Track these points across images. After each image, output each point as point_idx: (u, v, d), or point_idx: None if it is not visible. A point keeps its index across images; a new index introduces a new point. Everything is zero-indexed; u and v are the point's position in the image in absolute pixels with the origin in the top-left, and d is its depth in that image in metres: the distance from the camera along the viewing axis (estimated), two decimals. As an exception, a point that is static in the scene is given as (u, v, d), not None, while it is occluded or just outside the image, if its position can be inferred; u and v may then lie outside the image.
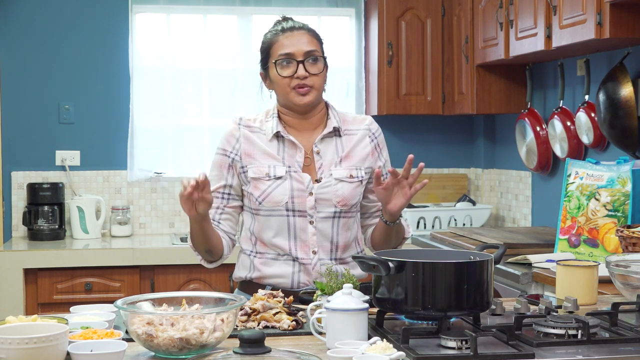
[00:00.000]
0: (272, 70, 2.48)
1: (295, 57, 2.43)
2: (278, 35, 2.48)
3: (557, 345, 1.82)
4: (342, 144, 2.51)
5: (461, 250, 2.34)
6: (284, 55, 2.44)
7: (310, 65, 2.44)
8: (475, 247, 2.19)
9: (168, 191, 4.82)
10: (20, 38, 4.68)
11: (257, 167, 2.45)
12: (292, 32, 2.47)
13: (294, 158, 2.46)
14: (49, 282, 4.19)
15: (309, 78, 2.43)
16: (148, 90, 4.78)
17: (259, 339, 1.61)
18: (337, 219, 2.46)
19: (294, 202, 2.42)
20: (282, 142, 2.47)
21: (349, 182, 2.46)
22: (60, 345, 1.64)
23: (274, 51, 2.48)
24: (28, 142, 4.71)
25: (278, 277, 2.45)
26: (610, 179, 3.08)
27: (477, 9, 4.29)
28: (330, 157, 2.48)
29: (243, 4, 4.84)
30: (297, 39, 2.45)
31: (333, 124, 2.50)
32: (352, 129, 2.54)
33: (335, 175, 2.46)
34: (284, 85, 2.45)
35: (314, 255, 2.44)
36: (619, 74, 3.40)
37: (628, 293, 2.27)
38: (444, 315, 1.86)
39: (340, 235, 2.47)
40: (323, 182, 2.45)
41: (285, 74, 2.44)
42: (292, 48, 2.44)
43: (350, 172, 2.48)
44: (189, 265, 4.27)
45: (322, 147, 2.49)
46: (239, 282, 2.57)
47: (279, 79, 2.45)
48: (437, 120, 5.06)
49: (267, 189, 2.43)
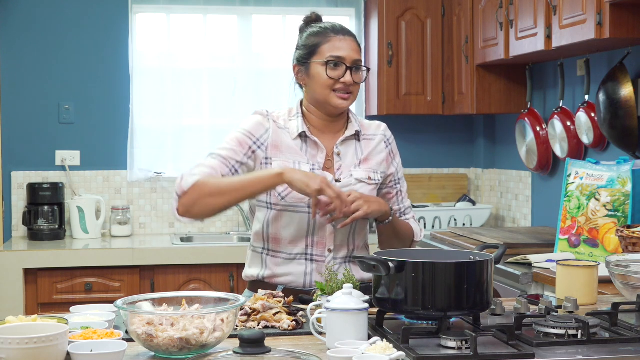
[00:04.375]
0: (316, 67, 2.46)
1: (345, 62, 2.44)
2: (329, 35, 2.47)
3: (557, 345, 1.82)
4: (362, 148, 2.54)
5: (461, 250, 2.34)
6: (336, 58, 2.44)
7: (355, 73, 2.46)
8: (475, 247, 2.19)
9: (168, 191, 4.81)
10: (20, 38, 4.68)
11: (283, 162, 2.44)
12: (344, 36, 2.48)
13: (315, 158, 2.47)
14: (49, 282, 4.19)
15: (352, 86, 2.46)
16: (148, 90, 4.79)
17: (259, 339, 1.61)
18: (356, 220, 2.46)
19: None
20: (305, 142, 2.48)
21: (368, 183, 2.49)
22: (60, 345, 1.64)
23: (324, 50, 2.45)
24: (28, 142, 4.71)
25: (290, 276, 2.45)
26: (610, 179, 3.08)
27: (477, 9, 4.29)
28: (350, 160, 2.51)
29: (243, 4, 4.84)
30: (348, 44, 2.46)
31: (355, 127, 2.53)
32: (369, 133, 2.58)
33: (355, 175, 2.49)
34: (327, 85, 2.44)
35: (329, 253, 2.45)
36: (619, 74, 3.40)
37: (628, 293, 2.27)
38: (444, 315, 1.86)
39: (356, 235, 2.49)
40: (344, 181, 2.47)
41: (333, 75, 2.44)
42: (344, 52, 2.45)
43: (368, 175, 2.51)
44: (189, 265, 4.27)
45: (342, 149, 2.52)
46: (249, 281, 2.54)
47: (324, 79, 2.44)
48: (437, 120, 5.06)
49: None
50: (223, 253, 4.26)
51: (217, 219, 4.87)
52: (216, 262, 4.25)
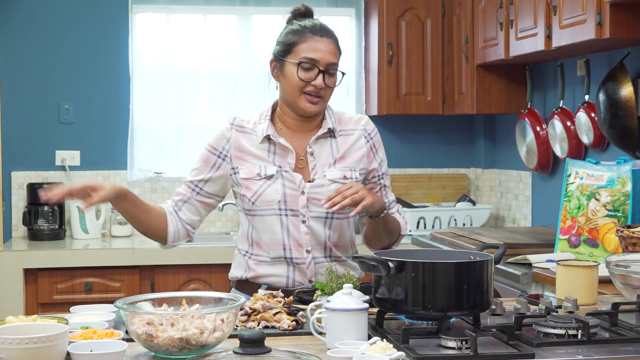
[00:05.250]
0: (289, 67, 2.43)
1: (318, 65, 2.40)
2: (306, 35, 2.42)
3: (557, 345, 1.82)
4: (338, 145, 2.50)
5: (461, 250, 2.34)
6: (309, 60, 2.40)
7: (328, 77, 2.42)
8: (475, 247, 2.19)
9: (168, 191, 4.81)
10: (20, 38, 4.68)
11: (248, 168, 2.45)
12: (322, 37, 2.42)
13: (285, 160, 2.46)
14: (49, 282, 4.19)
15: (323, 89, 2.42)
16: (148, 90, 4.78)
17: (259, 339, 1.61)
18: (330, 220, 2.46)
19: (287, 201, 2.43)
20: (274, 144, 2.47)
21: (342, 183, 2.45)
22: (60, 345, 1.64)
23: (298, 50, 2.42)
24: (28, 142, 4.71)
25: (273, 277, 2.46)
26: (610, 179, 3.08)
27: (477, 9, 4.29)
28: (324, 158, 2.48)
29: (243, 4, 4.84)
30: (325, 47, 2.41)
31: (328, 125, 2.49)
32: (348, 129, 2.53)
33: (328, 176, 2.45)
34: (298, 87, 2.42)
35: (307, 254, 2.44)
36: (619, 74, 3.40)
37: (628, 293, 2.27)
38: (444, 315, 1.86)
39: (332, 236, 2.47)
40: (316, 182, 2.45)
41: (304, 77, 2.40)
42: (319, 55, 2.40)
43: (344, 174, 2.47)
44: (189, 265, 4.27)
45: (316, 148, 2.48)
46: (235, 281, 2.57)
47: (295, 80, 2.41)
48: (437, 120, 5.06)
49: (259, 189, 2.43)
50: (223, 253, 4.26)
51: (217, 219, 4.87)
52: (216, 262, 4.25)
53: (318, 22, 2.47)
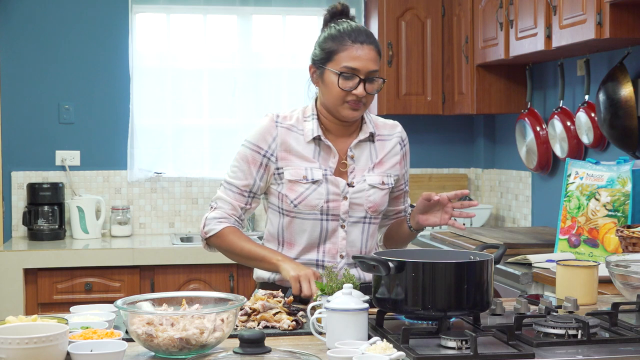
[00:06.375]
0: (329, 75, 2.38)
1: (359, 74, 2.36)
2: (346, 43, 2.36)
3: (557, 345, 1.82)
4: (376, 150, 2.49)
5: (461, 250, 2.34)
6: (350, 69, 2.35)
7: (369, 84, 2.38)
8: (475, 247, 2.19)
9: (168, 191, 4.82)
10: (20, 38, 4.68)
11: (295, 170, 2.40)
12: (362, 44, 2.36)
13: (327, 162, 2.42)
14: (49, 282, 4.19)
15: (365, 97, 2.38)
16: (148, 90, 4.79)
17: (259, 339, 1.61)
18: (367, 225, 2.46)
19: (329, 206, 2.40)
20: (319, 145, 2.43)
21: (381, 188, 2.45)
22: (60, 345, 1.64)
23: (339, 58, 2.36)
24: (28, 142, 4.71)
25: None
26: (610, 179, 3.08)
27: (477, 9, 4.29)
28: (363, 163, 2.46)
29: (243, 4, 4.84)
30: (365, 54, 2.36)
31: (369, 129, 2.48)
32: (384, 134, 2.52)
33: (368, 181, 2.44)
34: (339, 96, 2.37)
35: (341, 259, 2.43)
36: (619, 74, 3.40)
37: (628, 293, 2.27)
38: (444, 315, 1.86)
39: (367, 241, 2.47)
40: (357, 187, 2.43)
41: (345, 87, 2.35)
42: (360, 63, 2.35)
43: (382, 179, 2.47)
44: (189, 265, 4.27)
45: (356, 152, 2.46)
46: (259, 282, 2.51)
47: (336, 89, 2.36)
48: (437, 120, 5.06)
49: (304, 192, 2.39)
50: (223, 253, 4.25)
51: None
52: (216, 262, 4.25)
53: (356, 26, 2.41)
